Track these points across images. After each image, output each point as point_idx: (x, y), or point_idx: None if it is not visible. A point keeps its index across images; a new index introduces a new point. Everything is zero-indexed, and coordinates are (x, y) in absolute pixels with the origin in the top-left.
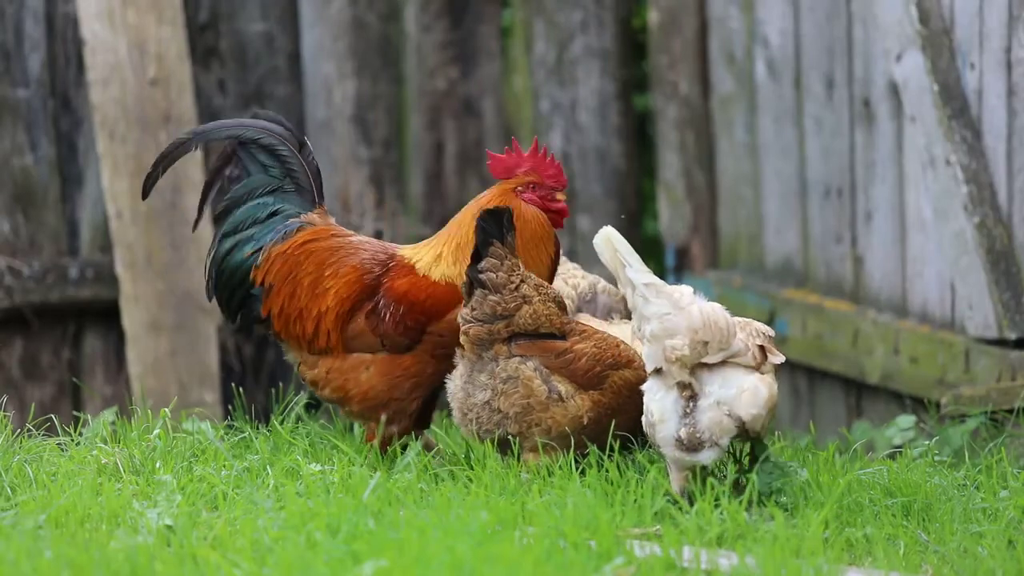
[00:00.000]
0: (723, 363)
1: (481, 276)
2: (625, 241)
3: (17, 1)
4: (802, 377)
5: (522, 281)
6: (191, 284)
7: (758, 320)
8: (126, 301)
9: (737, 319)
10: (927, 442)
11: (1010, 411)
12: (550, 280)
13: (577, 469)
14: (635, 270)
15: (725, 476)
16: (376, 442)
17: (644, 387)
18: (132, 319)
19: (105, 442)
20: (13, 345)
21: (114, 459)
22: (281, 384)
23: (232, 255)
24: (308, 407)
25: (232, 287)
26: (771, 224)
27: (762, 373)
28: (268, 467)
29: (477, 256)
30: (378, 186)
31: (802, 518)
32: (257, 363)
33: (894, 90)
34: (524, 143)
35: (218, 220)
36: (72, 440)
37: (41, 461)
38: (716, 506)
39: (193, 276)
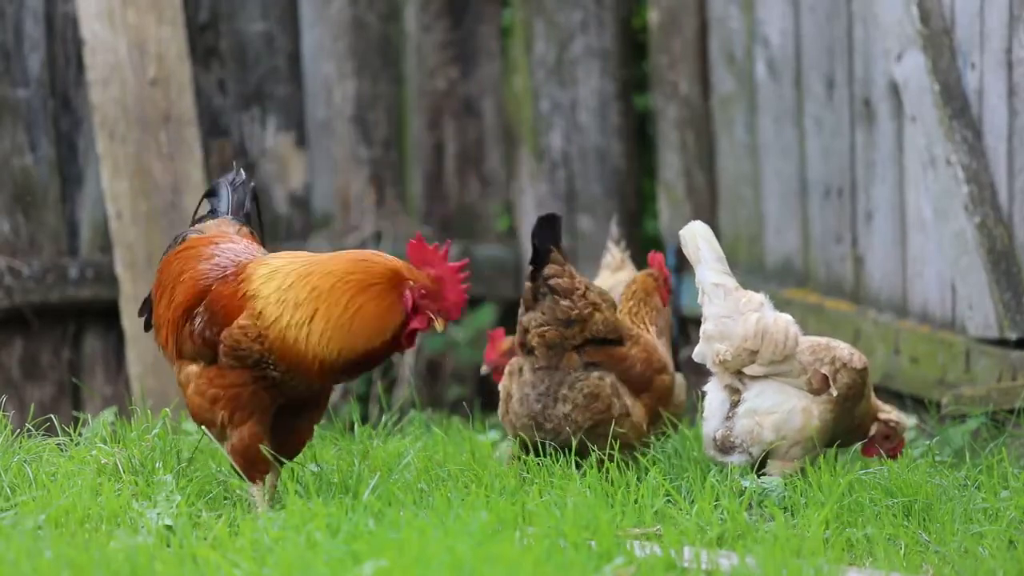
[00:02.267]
0: (773, 376)
1: (550, 283)
2: (711, 238)
3: (17, 1)
4: None
5: (587, 288)
6: None
7: None
8: (126, 301)
9: (820, 341)
10: (928, 442)
11: (1011, 411)
12: (355, 368)
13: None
14: (706, 269)
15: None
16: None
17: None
18: (132, 319)
19: (105, 442)
20: (13, 345)
21: (114, 459)
22: None
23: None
24: None
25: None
26: (771, 224)
27: (818, 401)
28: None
29: (537, 261)
30: (378, 186)
31: (803, 518)
32: None
33: (894, 90)
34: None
35: None
36: (72, 440)
37: (41, 461)
38: (716, 506)
39: None
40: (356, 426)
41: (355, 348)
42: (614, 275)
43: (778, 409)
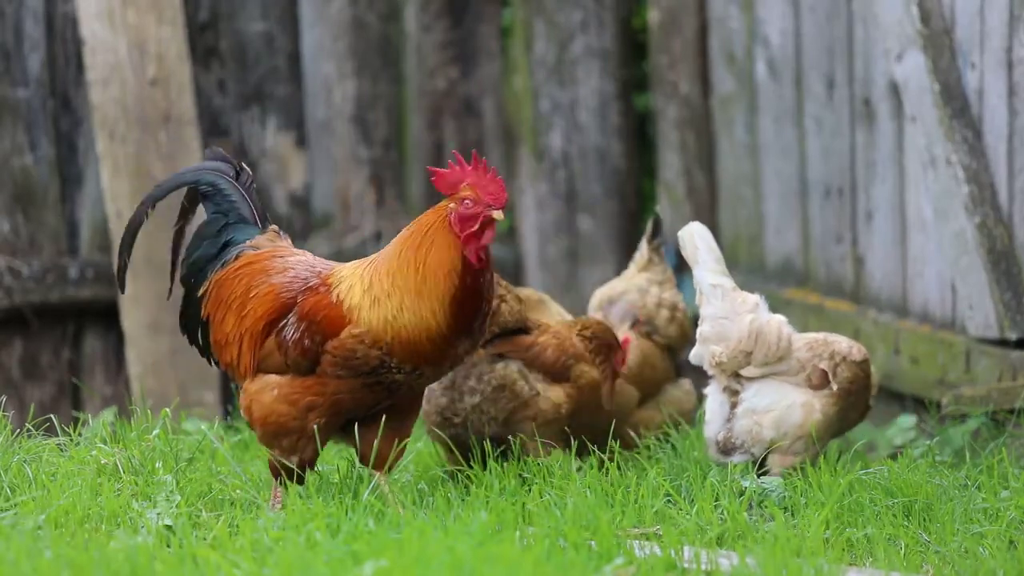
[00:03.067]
0: (771, 376)
1: None
2: (708, 239)
3: (17, 1)
4: None
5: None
6: None
7: None
8: (126, 301)
9: (818, 336)
10: (928, 442)
11: (1011, 411)
12: (459, 323)
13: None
14: (704, 270)
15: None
16: (279, 477)
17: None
18: (132, 319)
19: (105, 442)
20: (13, 345)
21: (114, 459)
22: None
23: (192, 296)
24: None
25: (197, 327)
26: (771, 224)
27: (820, 395)
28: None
29: None
30: (378, 186)
31: (803, 518)
32: None
33: (895, 90)
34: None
35: (184, 280)
36: (72, 440)
37: (41, 461)
38: (716, 506)
39: None
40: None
41: (443, 298)
42: (638, 274)
43: (776, 406)
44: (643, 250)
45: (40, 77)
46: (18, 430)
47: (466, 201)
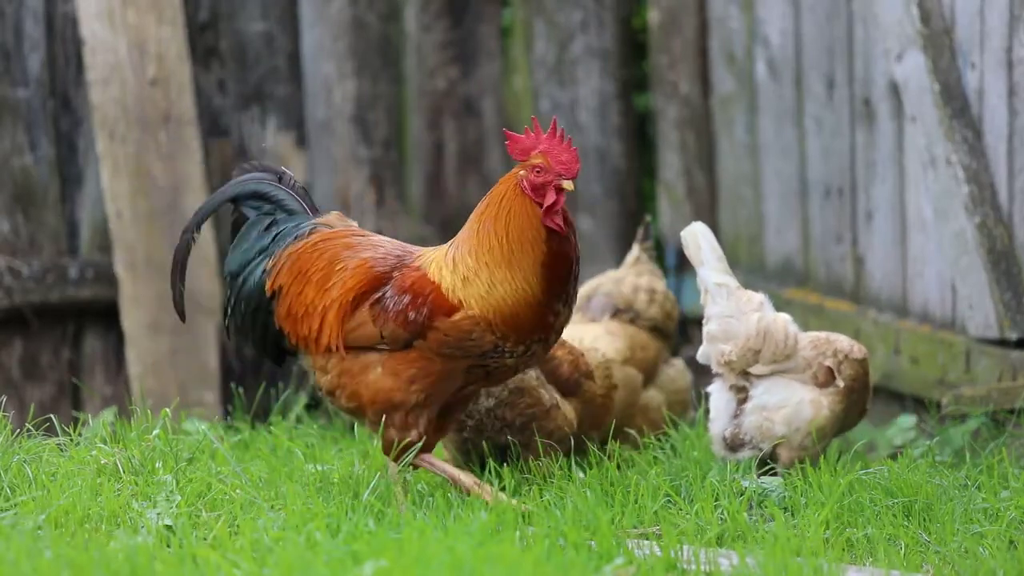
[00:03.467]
0: (778, 373)
1: None
2: (711, 239)
3: (17, 1)
4: None
5: None
6: (191, 284)
7: None
8: (126, 301)
9: (820, 335)
10: (928, 442)
11: (1011, 411)
12: (553, 287)
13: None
14: (708, 269)
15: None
16: (392, 453)
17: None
18: (132, 319)
19: (105, 442)
20: (13, 345)
21: (114, 459)
22: (281, 384)
23: (246, 285)
24: (308, 407)
25: (256, 315)
26: (771, 224)
27: (826, 392)
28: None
29: None
30: (378, 186)
31: (803, 518)
32: (257, 363)
33: (895, 90)
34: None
35: (233, 274)
36: (71, 440)
37: (40, 461)
38: (716, 506)
39: (193, 277)
40: (356, 426)
41: (533, 265)
42: (627, 269)
43: (787, 403)
44: (634, 250)
45: (40, 77)
46: (18, 430)
47: (536, 168)
